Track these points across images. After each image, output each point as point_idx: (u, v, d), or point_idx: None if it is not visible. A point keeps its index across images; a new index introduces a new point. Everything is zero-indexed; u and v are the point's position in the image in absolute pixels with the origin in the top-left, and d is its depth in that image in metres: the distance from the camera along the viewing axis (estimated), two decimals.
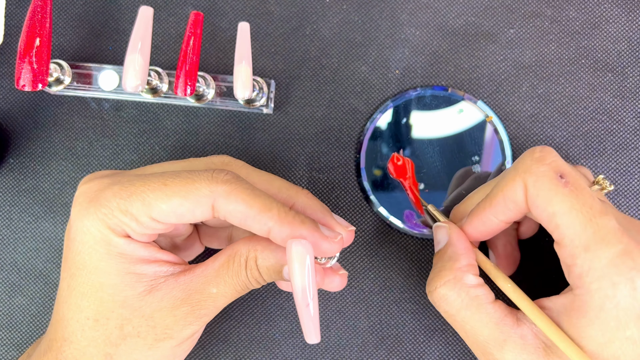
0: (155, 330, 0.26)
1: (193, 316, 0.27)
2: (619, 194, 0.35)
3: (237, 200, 0.25)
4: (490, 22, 0.36)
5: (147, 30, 0.31)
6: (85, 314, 0.26)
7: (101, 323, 0.26)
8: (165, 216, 0.25)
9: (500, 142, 0.35)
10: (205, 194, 0.25)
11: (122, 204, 0.25)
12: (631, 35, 0.36)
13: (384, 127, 0.36)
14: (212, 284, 0.27)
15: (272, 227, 0.25)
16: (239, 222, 0.26)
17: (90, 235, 0.26)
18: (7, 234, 0.36)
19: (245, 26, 0.31)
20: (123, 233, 0.26)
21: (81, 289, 0.26)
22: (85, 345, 0.26)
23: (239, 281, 0.27)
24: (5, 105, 0.37)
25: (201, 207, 0.25)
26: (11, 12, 0.37)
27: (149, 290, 0.26)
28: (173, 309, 0.26)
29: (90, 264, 0.26)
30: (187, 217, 0.26)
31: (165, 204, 0.25)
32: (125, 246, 0.26)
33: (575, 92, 0.36)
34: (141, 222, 0.26)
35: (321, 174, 0.36)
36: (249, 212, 0.25)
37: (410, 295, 0.35)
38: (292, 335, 0.35)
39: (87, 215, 0.26)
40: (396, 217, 0.35)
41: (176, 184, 0.25)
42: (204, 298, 0.27)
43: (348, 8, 0.37)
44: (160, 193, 0.25)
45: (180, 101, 0.35)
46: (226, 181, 0.25)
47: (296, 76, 0.37)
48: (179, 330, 0.27)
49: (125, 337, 0.26)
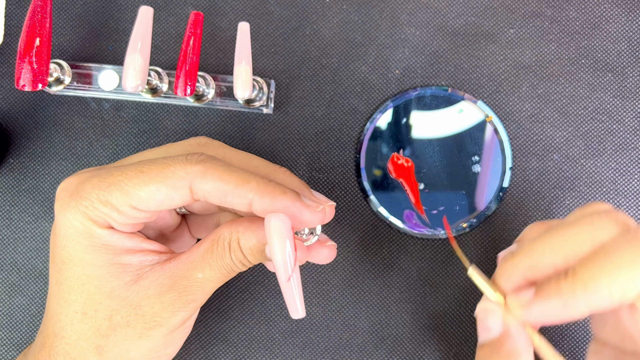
0: (144, 319, 0.26)
1: (181, 302, 0.27)
2: (619, 194, 0.35)
3: (213, 178, 0.25)
4: (490, 22, 0.36)
5: (147, 30, 0.31)
6: (73, 307, 0.26)
7: (89, 316, 0.26)
8: (144, 203, 0.25)
9: (500, 142, 0.35)
10: (181, 176, 0.25)
11: (101, 194, 0.25)
12: (631, 35, 0.36)
13: (384, 127, 0.36)
14: (198, 268, 0.27)
15: (252, 198, 0.25)
16: (219, 200, 0.26)
17: (73, 229, 0.26)
18: (7, 234, 0.36)
19: (245, 26, 0.31)
20: (105, 224, 0.26)
21: (68, 282, 0.26)
22: (75, 339, 0.27)
23: (224, 264, 0.27)
24: (5, 105, 0.37)
25: (179, 191, 0.25)
26: (11, 12, 0.37)
27: (136, 279, 0.26)
28: (160, 295, 0.26)
29: (75, 256, 0.26)
30: (166, 202, 0.26)
31: (142, 191, 0.25)
32: (109, 237, 0.26)
33: (575, 92, 0.36)
34: (122, 212, 0.26)
35: (321, 174, 0.36)
36: (226, 187, 0.25)
37: (410, 295, 0.35)
38: (292, 335, 0.35)
39: (69, 208, 0.26)
40: (396, 217, 0.35)
41: (152, 170, 0.26)
42: (190, 283, 0.27)
43: (348, 8, 0.37)
44: (137, 180, 0.25)
45: (180, 101, 0.35)
46: (200, 161, 0.26)
47: (296, 76, 0.37)
48: (167, 317, 0.27)
49: (114, 327, 0.26)
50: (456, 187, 0.35)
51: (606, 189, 0.35)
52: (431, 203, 0.35)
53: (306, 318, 0.35)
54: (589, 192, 0.35)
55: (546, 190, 0.35)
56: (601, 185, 0.35)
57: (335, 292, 0.35)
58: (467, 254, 0.35)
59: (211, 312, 0.36)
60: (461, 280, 0.35)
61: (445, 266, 0.35)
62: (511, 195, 0.36)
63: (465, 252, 0.35)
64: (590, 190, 0.35)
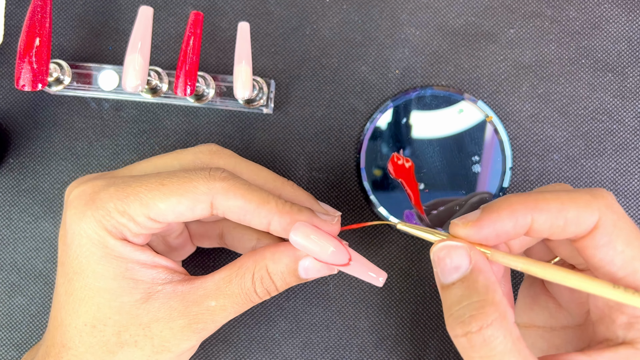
0: (153, 342, 0.26)
1: (190, 330, 0.26)
2: (619, 194, 0.35)
3: (235, 196, 0.26)
4: (490, 22, 0.36)
5: (147, 30, 0.31)
6: (82, 319, 0.26)
7: (98, 329, 0.26)
8: (163, 215, 0.26)
9: (500, 142, 0.35)
10: (203, 191, 0.26)
11: (119, 204, 0.25)
12: (631, 35, 0.36)
13: (384, 127, 0.36)
14: (211, 297, 0.27)
15: (271, 218, 0.26)
16: (238, 217, 0.26)
17: (87, 238, 0.26)
18: (7, 234, 0.36)
19: (245, 26, 0.31)
20: (120, 235, 0.26)
21: (79, 294, 0.26)
22: (82, 351, 0.26)
23: (242, 293, 0.27)
24: (5, 105, 0.37)
25: (200, 205, 0.26)
26: (11, 12, 0.37)
27: (146, 298, 0.26)
28: (170, 320, 0.26)
29: (87, 267, 0.26)
30: (186, 215, 0.26)
31: (163, 203, 0.25)
32: (122, 249, 0.26)
33: (575, 92, 0.36)
34: (138, 223, 0.26)
35: (321, 174, 0.36)
36: (248, 206, 0.26)
37: (410, 296, 0.35)
38: (292, 335, 0.35)
39: (84, 217, 0.26)
40: (396, 217, 0.35)
41: (174, 183, 0.26)
42: (201, 311, 0.26)
43: (348, 8, 0.37)
44: (158, 192, 0.25)
45: (180, 101, 0.35)
46: (223, 178, 0.26)
47: (296, 76, 0.37)
48: (176, 344, 0.27)
49: (122, 345, 0.26)
50: (456, 187, 0.35)
51: (606, 189, 0.35)
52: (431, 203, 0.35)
53: (306, 318, 0.35)
54: None
55: None
56: (601, 185, 0.35)
57: (335, 292, 0.35)
58: None
59: None
60: None
61: None
62: None
63: None
64: None
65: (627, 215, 0.25)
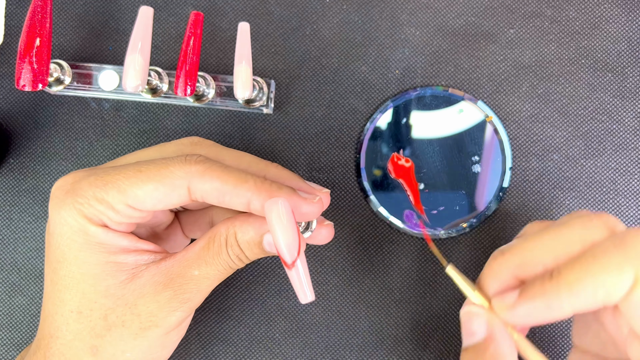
0: (140, 319, 0.26)
1: (177, 301, 0.26)
2: (619, 194, 0.35)
3: (211, 178, 0.26)
4: (490, 22, 0.36)
5: (147, 30, 0.31)
6: (68, 307, 0.26)
7: (85, 315, 0.26)
8: (141, 202, 0.26)
9: (500, 142, 0.35)
10: (180, 175, 0.26)
11: (97, 192, 0.26)
12: (631, 35, 0.36)
13: (384, 127, 0.36)
14: (194, 266, 0.27)
15: (250, 197, 0.26)
16: (217, 199, 0.26)
17: (68, 227, 0.26)
18: (7, 234, 0.36)
19: (245, 26, 0.31)
20: (100, 222, 0.26)
21: (63, 282, 0.26)
22: (70, 339, 0.26)
23: (221, 260, 0.27)
24: (5, 105, 0.37)
25: (177, 190, 0.26)
26: (11, 12, 0.37)
27: (131, 278, 0.26)
28: (155, 294, 0.26)
29: (70, 255, 0.26)
30: (163, 201, 0.26)
31: (140, 190, 0.25)
32: (104, 235, 0.26)
33: (575, 92, 0.36)
34: (117, 210, 0.26)
35: (321, 174, 0.36)
36: (225, 187, 0.26)
37: (410, 295, 0.35)
38: (292, 335, 0.35)
39: (64, 206, 0.26)
40: (396, 217, 0.35)
41: (150, 170, 0.26)
42: (186, 282, 0.27)
43: (348, 8, 0.37)
44: (135, 179, 0.26)
45: (180, 101, 0.35)
46: (199, 161, 0.26)
47: (296, 76, 0.37)
48: (163, 317, 0.27)
49: (109, 327, 0.26)
50: (456, 187, 0.35)
51: (606, 189, 0.35)
52: (431, 203, 0.35)
53: (306, 318, 0.35)
54: (589, 192, 0.35)
55: (546, 190, 0.35)
56: (601, 185, 0.35)
57: (335, 292, 0.35)
58: (467, 254, 0.35)
59: (211, 312, 0.36)
60: None
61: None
62: (511, 195, 0.36)
63: (465, 252, 0.35)
64: (590, 190, 0.35)
65: (620, 221, 0.25)
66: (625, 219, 0.35)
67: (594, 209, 0.35)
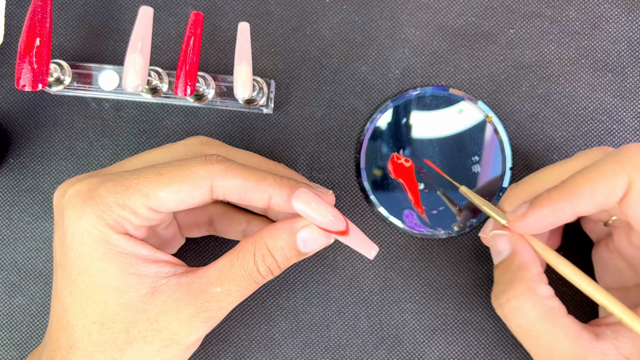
0: (162, 335, 0.26)
1: (198, 320, 0.26)
2: None
3: (234, 176, 0.26)
4: (490, 22, 0.36)
5: (147, 30, 0.31)
6: (91, 318, 0.26)
7: (107, 327, 0.26)
8: (164, 204, 0.26)
9: (500, 142, 0.35)
10: (202, 175, 0.26)
11: (119, 198, 0.26)
12: (631, 35, 0.36)
13: (384, 127, 0.36)
14: (216, 283, 0.27)
15: (272, 192, 0.27)
16: (239, 196, 0.27)
17: (89, 236, 0.26)
18: (7, 234, 0.36)
19: (245, 26, 0.31)
20: (122, 229, 0.26)
21: (85, 293, 0.26)
22: (92, 350, 0.26)
23: (245, 274, 0.27)
24: (5, 105, 0.37)
25: (200, 189, 0.26)
26: (11, 12, 0.37)
27: (152, 292, 0.26)
28: (177, 311, 0.26)
29: (91, 266, 0.26)
30: (186, 201, 0.26)
31: (163, 192, 0.26)
32: (125, 244, 0.26)
33: (575, 92, 0.36)
34: (139, 214, 0.26)
35: (321, 174, 0.36)
36: (247, 184, 0.27)
37: (410, 295, 0.35)
38: (292, 335, 0.35)
39: (84, 215, 0.26)
40: (396, 217, 0.35)
41: (171, 172, 0.26)
42: (207, 299, 0.26)
43: (348, 8, 0.37)
44: (157, 182, 0.26)
45: (180, 101, 0.35)
46: (220, 161, 0.27)
47: (296, 76, 0.37)
48: (185, 335, 0.27)
49: (131, 341, 0.26)
50: (456, 187, 0.35)
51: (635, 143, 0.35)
52: (431, 203, 0.35)
53: (306, 318, 0.35)
54: None
55: None
56: None
57: (335, 292, 0.35)
58: (467, 254, 0.35)
59: None
60: (461, 280, 0.35)
61: (445, 266, 0.35)
62: None
63: (465, 252, 0.35)
64: None
65: None
66: None
67: None
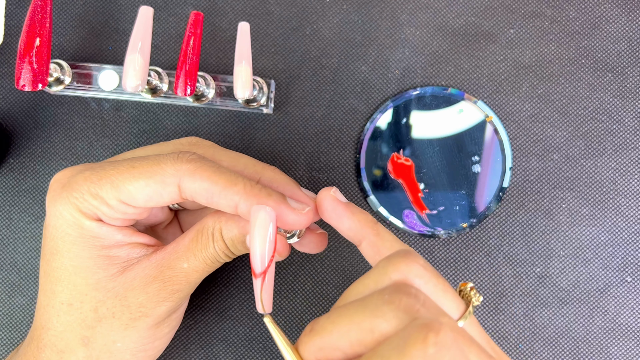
0: (130, 309, 0.27)
1: (165, 292, 0.27)
2: (619, 194, 0.35)
3: (201, 178, 0.25)
4: (490, 22, 0.36)
5: (147, 30, 0.31)
6: (59, 298, 0.27)
7: (75, 307, 0.27)
8: (133, 198, 0.26)
9: (500, 142, 0.35)
10: (170, 173, 0.26)
11: (92, 187, 0.26)
12: (631, 35, 0.36)
13: (384, 127, 0.36)
14: (183, 258, 0.27)
15: (238, 201, 0.25)
16: (206, 200, 0.26)
17: (63, 220, 0.26)
18: (7, 234, 0.36)
19: (245, 26, 0.31)
20: (94, 216, 0.26)
21: (55, 274, 0.27)
22: (61, 330, 0.27)
23: (208, 254, 0.27)
24: (5, 105, 0.37)
25: (167, 188, 0.26)
26: (11, 12, 0.37)
27: (122, 271, 0.27)
28: (145, 286, 0.27)
29: (63, 247, 0.26)
30: (154, 199, 0.26)
31: (131, 186, 0.26)
32: (98, 229, 0.26)
33: (575, 92, 0.36)
34: (111, 206, 0.26)
35: (321, 174, 0.36)
36: (214, 188, 0.25)
37: None
38: (292, 336, 0.35)
39: (60, 199, 0.26)
40: (396, 217, 0.35)
41: (143, 166, 0.26)
42: (175, 274, 0.27)
43: (348, 8, 0.37)
44: (128, 175, 0.26)
45: (180, 101, 0.35)
46: (191, 160, 0.26)
47: (296, 76, 0.37)
48: (152, 307, 0.27)
49: (100, 319, 0.27)
50: (456, 187, 0.35)
51: (606, 189, 0.35)
52: (431, 203, 0.35)
53: (306, 318, 0.35)
54: (589, 192, 0.35)
55: (546, 190, 0.35)
56: (601, 185, 0.35)
57: (335, 292, 0.35)
58: (467, 254, 0.35)
59: (211, 312, 0.36)
60: (461, 280, 0.35)
61: (445, 266, 0.35)
62: (511, 195, 0.36)
63: (465, 252, 0.35)
64: (590, 190, 0.35)
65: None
66: (625, 219, 0.35)
67: (594, 209, 0.35)
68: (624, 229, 0.35)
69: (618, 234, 0.35)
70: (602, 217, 0.35)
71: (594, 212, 0.35)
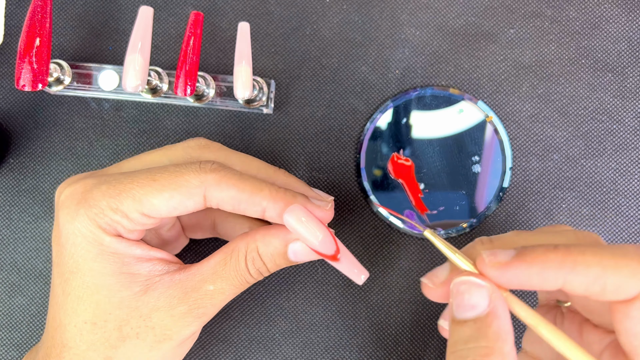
0: (155, 332, 0.26)
1: (191, 316, 0.27)
2: (619, 194, 0.35)
3: (228, 187, 0.26)
4: (490, 22, 0.36)
5: (147, 30, 0.31)
6: (82, 317, 0.26)
7: (99, 326, 0.26)
8: (157, 211, 0.26)
9: (500, 142, 0.35)
10: (195, 184, 0.26)
11: (112, 202, 0.25)
12: (631, 35, 0.36)
13: (384, 127, 0.36)
14: (209, 280, 0.27)
15: (266, 205, 0.26)
16: (233, 207, 0.26)
17: (82, 237, 0.26)
18: (7, 234, 0.36)
19: (245, 26, 0.31)
20: (114, 232, 0.26)
21: (77, 292, 0.26)
22: (84, 349, 0.26)
23: (238, 275, 0.27)
24: (5, 105, 0.37)
25: (193, 198, 0.26)
26: (11, 12, 0.37)
27: (145, 289, 0.26)
28: (170, 308, 0.26)
29: (84, 266, 0.26)
30: (179, 209, 0.26)
31: (156, 199, 0.25)
32: (117, 245, 0.26)
33: (575, 92, 0.36)
34: (132, 219, 0.26)
35: (321, 174, 0.36)
36: (241, 195, 0.26)
37: (410, 296, 0.35)
38: (292, 335, 0.35)
39: (77, 216, 0.26)
40: (396, 217, 0.35)
41: (165, 178, 0.26)
42: (200, 296, 0.27)
43: (348, 8, 0.37)
44: (150, 188, 0.26)
45: (180, 101, 0.35)
46: (214, 170, 0.26)
47: (296, 76, 0.37)
48: (177, 330, 0.27)
49: (124, 338, 0.26)
50: (456, 187, 0.35)
51: (606, 189, 0.35)
52: (431, 203, 0.35)
53: (306, 318, 0.35)
54: (589, 192, 0.35)
55: (546, 190, 0.35)
56: (601, 185, 0.35)
57: (335, 292, 0.35)
58: None
59: None
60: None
61: None
62: (511, 195, 0.36)
63: None
64: (590, 190, 0.35)
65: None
66: (625, 219, 0.35)
67: (594, 209, 0.35)
68: (624, 229, 0.35)
69: (618, 234, 0.35)
70: (602, 217, 0.35)
71: (594, 212, 0.35)
